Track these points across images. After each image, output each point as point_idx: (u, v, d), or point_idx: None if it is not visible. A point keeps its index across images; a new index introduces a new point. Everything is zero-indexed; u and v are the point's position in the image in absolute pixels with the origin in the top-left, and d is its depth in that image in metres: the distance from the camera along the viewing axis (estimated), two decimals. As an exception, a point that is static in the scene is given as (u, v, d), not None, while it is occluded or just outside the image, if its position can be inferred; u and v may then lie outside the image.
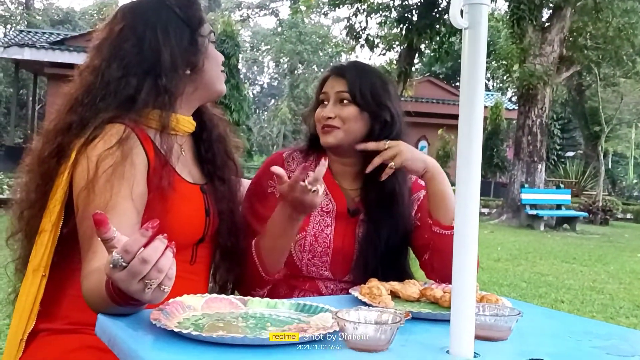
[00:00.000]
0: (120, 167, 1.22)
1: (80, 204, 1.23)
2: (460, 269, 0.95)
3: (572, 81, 23.54)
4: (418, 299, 1.33)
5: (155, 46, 1.33)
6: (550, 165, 24.66)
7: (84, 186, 1.22)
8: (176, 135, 1.40)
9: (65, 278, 1.31)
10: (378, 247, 1.59)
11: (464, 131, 0.95)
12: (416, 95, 21.39)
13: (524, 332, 1.11)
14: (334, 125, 1.59)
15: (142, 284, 0.91)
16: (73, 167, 1.25)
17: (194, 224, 1.37)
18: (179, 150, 1.41)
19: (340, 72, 1.65)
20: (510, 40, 15.22)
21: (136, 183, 1.24)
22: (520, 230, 13.03)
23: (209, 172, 1.48)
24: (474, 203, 0.95)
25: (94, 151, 1.24)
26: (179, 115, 1.39)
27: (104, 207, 1.18)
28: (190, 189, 1.39)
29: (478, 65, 0.95)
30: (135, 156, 1.26)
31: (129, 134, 1.27)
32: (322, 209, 1.61)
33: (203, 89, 1.43)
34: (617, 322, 4.76)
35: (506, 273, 6.99)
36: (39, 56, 18.30)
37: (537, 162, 14.52)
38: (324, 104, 1.64)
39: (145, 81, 1.32)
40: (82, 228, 1.22)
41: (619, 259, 9.01)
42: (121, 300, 0.98)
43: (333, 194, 1.63)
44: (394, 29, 18.27)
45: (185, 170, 1.41)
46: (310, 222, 1.60)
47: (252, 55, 41.72)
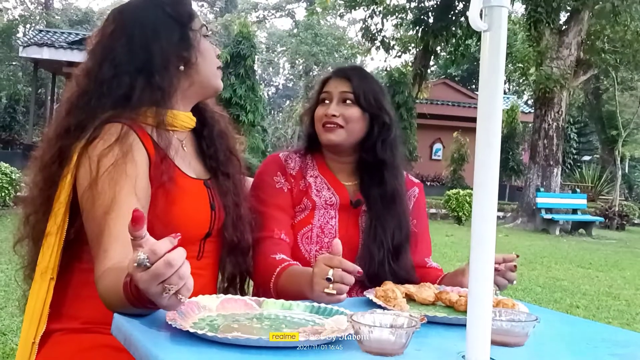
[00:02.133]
0: (121, 165, 1.23)
1: (85, 204, 1.24)
2: (477, 273, 0.94)
3: (589, 85, 23.33)
4: (433, 302, 1.32)
5: (145, 44, 1.35)
6: (566, 169, 24.46)
7: (87, 186, 1.23)
8: (176, 132, 1.40)
9: (75, 279, 1.31)
10: (381, 239, 1.61)
11: (483, 135, 0.94)
12: (431, 97, 21.34)
13: (541, 338, 1.10)
14: (337, 123, 1.63)
15: (162, 287, 0.91)
16: (76, 169, 1.26)
17: (199, 218, 1.38)
18: (180, 146, 1.41)
19: (344, 74, 1.69)
20: (527, 43, 15.12)
21: (139, 179, 1.24)
22: (535, 235, 12.93)
23: (212, 168, 1.49)
24: (491, 207, 0.94)
25: (95, 151, 1.24)
26: (176, 111, 1.39)
27: (108, 205, 1.19)
28: (194, 184, 1.40)
29: (498, 68, 0.94)
30: (136, 153, 1.26)
31: (128, 132, 1.27)
32: (326, 202, 1.65)
33: (198, 85, 1.43)
34: (634, 328, 4.70)
35: (521, 277, 6.93)
36: (58, 56, 18.47)
37: (553, 166, 14.41)
38: (325, 103, 1.67)
39: (137, 79, 1.33)
40: (90, 228, 1.23)
41: (635, 265, 8.90)
42: (138, 302, 0.98)
43: (335, 187, 1.67)
44: (409, 31, 18.25)
45: (187, 166, 1.41)
46: (315, 214, 1.64)
47: (267, 57, 41.80)
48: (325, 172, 1.69)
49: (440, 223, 14.16)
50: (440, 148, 23.40)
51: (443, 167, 21.53)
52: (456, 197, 13.72)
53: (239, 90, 15.82)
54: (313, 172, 1.69)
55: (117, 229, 1.16)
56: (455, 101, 23.13)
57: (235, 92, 15.82)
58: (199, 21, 1.44)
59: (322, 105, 1.68)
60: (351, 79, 1.66)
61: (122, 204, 1.19)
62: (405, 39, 18.74)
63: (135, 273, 0.92)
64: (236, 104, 15.88)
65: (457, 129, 20.24)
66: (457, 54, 17.88)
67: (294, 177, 1.67)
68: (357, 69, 1.74)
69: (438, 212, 15.50)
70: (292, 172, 1.67)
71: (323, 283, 1.24)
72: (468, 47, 17.71)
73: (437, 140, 23.34)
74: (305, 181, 1.67)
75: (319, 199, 1.65)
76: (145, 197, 1.25)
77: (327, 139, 1.64)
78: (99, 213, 1.20)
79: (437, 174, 21.92)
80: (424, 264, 1.72)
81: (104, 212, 1.19)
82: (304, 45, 36.39)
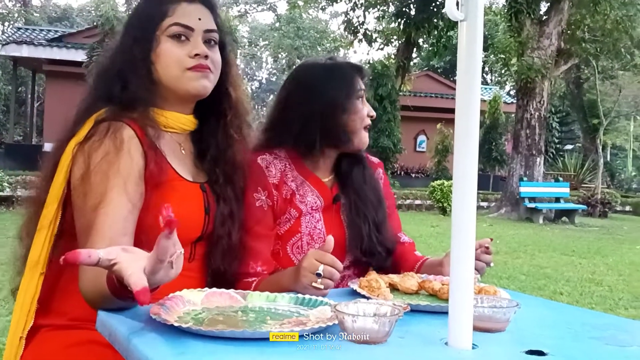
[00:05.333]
0: (114, 160, 1.23)
1: (77, 199, 1.24)
2: (458, 261, 0.96)
3: (570, 74, 23.51)
4: (417, 291, 1.33)
5: (120, 47, 1.39)
6: (549, 158, 24.65)
7: (80, 180, 1.23)
8: (174, 133, 1.40)
9: (64, 275, 1.31)
10: (365, 214, 1.64)
11: (462, 123, 0.96)
12: (414, 89, 21.38)
13: (522, 324, 1.12)
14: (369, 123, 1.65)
15: (168, 265, 0.90)
16: (71, 165, 1.26)
17: (192, 221, 1.37)
18: (178, 148, 1.41)
19: (365, 73, 1.67)
20: (509, 34, 15.20)
21: (131, 176, 1.24)
22: (519, 224, 13.05)
23: (209, 172, 1.46)
24: (471, 195, 0.96)
25: (89, 147, 1.25)
26: (169, 112, 1.39)
27: (98, 200, 1.19)
28: (189, 187, 1.38)
29: (474, 58, 0.95)
30: (132, 149, 1.26)
31: (122, 128, 1.27)
32: (311, 207, 1.60)
33: (167, 89, 1.37)
34: (617, 313, 4.78)
35: (505, 266, 7.00)
36: (37, 53, 18.26)
37: (536, 155, 14.53)
38: (361, 101, 1.63)
39: (116, 82, 1.35)
40: (80, 223, 1.23)
41: (617, 251, 9.03)
42: (124, 293, 0.98)
43: (318, 188, 1.63)
44: (391, 24, 18.26)
45: (183, 168, 1.39)
46: (302, 222, 1.59)
47: (250, 51, 41.61)
48: (304, 171, 1.62)
49: (426, 214, 14.24)
50: (424, 140, 23.48)
51: (427, 159, 21.62)
52: (441, 188, 13.80)
53: (221, 85, 15.73)
54: (292, 173, 1.61)
55: (105, 225, 1.16)
56: (438, 93, 23.20)
57: (218, 87, 15.72)
58: (170, 21, 1.36)
59: (361, 103, 1.63)
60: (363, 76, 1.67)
61: (111, 200, 1.19)
62: (388, 31, 18.75)
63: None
64: (219, 99, 15.80)
65: (440, 120, 20.31)
66: (439, 45, 17.94)
67: (276, 186, 1.57)
68: None
69: (423, 204, 15.58)
70: (274, 181, 1.57)
71: (311, 277, 1.27)
72: (450, 39, 17.77)
73: (421, 132, 23.42)
74: (288, 187, 1.58)
75: (305, 206, 1.59)
76: (136, 194, 1.24)
77: (367, 142, 1.64)
78: (89, 208, 1.20)
79: (422, 166, 22.01)
80: (397, 239, 1.74)
81: (93, 207, 1.19)
82: (286, 39, 36.31)
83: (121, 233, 1.17)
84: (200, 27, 1.37)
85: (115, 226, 1.17)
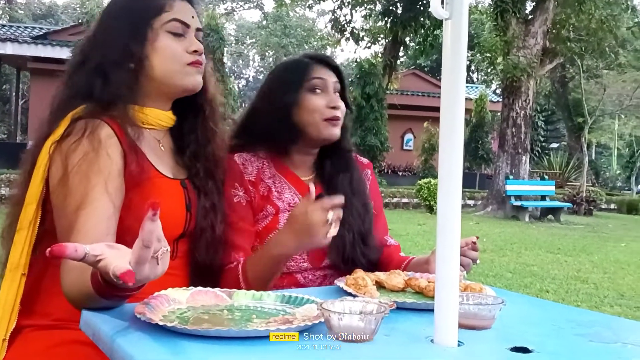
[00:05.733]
0: (94, 160, 1.21)
1: (56, 199, 1.22)
2: (443, 259, 0.96)
3: (555, 73, 23.69)
4: (403, 289, 1.33)
5: (101, 41, 1.35)
6: (535, 156, 24.85)
7: (58, 181, 1.21)
8: (152, 130, 1.39)
9: (46, 275, 1.29)
10: (350, 223, 1.58)
11: (446, 120, 0.96)
12: (401, 88, 21.45)
13: (508, 321, 1.12)
14: (339, 117, 1.57)
15: (153, 260, 0.89)
16: (49, 165, 1.24)
17: (173, 218, 1.36)
18: (157, 145, 1.40)
19: (333, 62, 1.62)
20: (494, 33, 15.29)
21: (112, 175, 1.22)
22: (505, 222, 13.13)
23: (190, 167, 1.45)
24: (456, 193, 0.96)
25: (66, 146, 1.23)
26: (148, 108, 1.37)
27: (79, 201, 1.17)
28: (169, 184, 1.37)
29: (459, 56, 0.95)
30: (110, 148, 1.24)
31: (101, 126, 1.25)
32: (289, 204, 1.59)
33: (159, 83, 1.36)
34: (602, 310, 4.82)
35: (492, 264, 7.04)
36: (22, 51, 18.07)
37: (522, 153, 14.63)
38: (319, 92, 1.57)
39: (95, 77, 1.32)
40: (60, 223, 1.21)
41: (603, 249, 9.11)
42: (109, 292, 0.97)
43: (296, 186, 1.62)
44: (378, 22, 18.30)
45: (163, 165, 1.39)
46: (280, 219, 1.57)
47: (237, 49, 41.52)
48: (283, 169, 1.62)
49: (413, 212, 14.29)
50: (411, 138, 23.55)
51: (414, 157, 21.67)
52: (428, 186, 13.84)
53: (208, 83, 15.68)
54: (270, 171, 1.60)
55: (87, 225, 1.15)
56: (425, 91, 23.29)
57: (205, 85, 15.67)
58: (168, 16, 1.35)
59: (317, 95, 1.56)
60: (340, 70, 1.60)
61: (93, 200, 1.18)
62: (375, 29, 18.78)
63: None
64: (206, 97, 15.76)
65: (427, 119, 20.37)
66: (426, 44, 17.98)
67: (252, 183, 1.57)
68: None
69: (410, 202, 15.63)
70: (250, 178, 1.57)
71: (326, 228, 1.29)
72: (437, 38, 17.82)
73: (408, 131, 23.49)
74: (265, 185, 1.58)
75: (282, 203, 1.58)
76: (117, 193, 1.23)
77: (333, 133, 1.56)
78: (70, 209, 1.18)
79: (409, 164, 22.07)
80: (384, 242, 1.73)
81: (75, 208, 1.17)
82: (273, 37, 36.25)
83: (104, 233, 1.16)
84: (193, 24, 1.39)
85: (99, 226, 1.16)
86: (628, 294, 5.77)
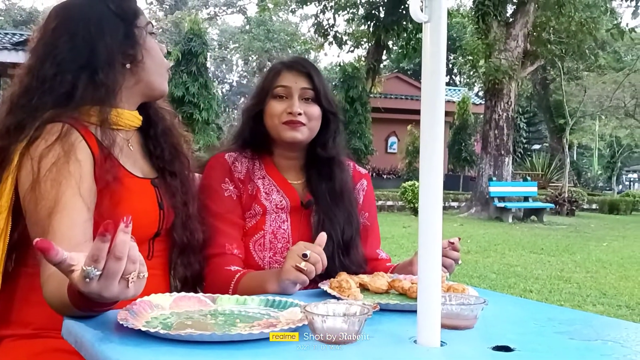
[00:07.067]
0: (64, 164, 1.20)
1: (28, 206, 1.20)
2: (426, 260, 0.97)
3: (536, 75, 23.95)
4: (387, 290, 1.34)
5: (88, 41, 1.32)
6: (517, 158, 25.05)
7: (29, 188, 1.19)
8: (121, 130, 1.38)
9: (22, 285, 1.28)
10: (330, 234, 1.55)
11: (427, 122, 0.97)
12: (385, 91, 21.55)
13: (490, 320, 1.13)
14: (301, 122, 1.59)
15: (124, 282, 0.89)
16: (17, 171, 1.22)
17: (147, 218, 1.35)
18: (126, 145, 1.39)
19: (303, 69, 1.63)
20: (476, 36, 15.41)
21: (83, 179, 1.21)
22: (489, 223, 13.22)
23: (159, 167, 1.46)
24: (437, 194, 0.97)
25: (36, 151, 1.21)
26: (120, 110, 1.37)
27: (52, 206, 1.16)
28: (140, 183, 1.37)
29: (439, 58, 0.96)
30: (79, 152, 1.23)
31: (70, 131, 1.24)
32: (276, 206, 1.60)
33: (144, 84, 1.39)
34: (585, 309, 4.87)
35: (476, 265, 7.08)
36: (2, 57, 17.84)
37: (504, 155, 14.74)
38: (283, 98, 1.61)
39: (80, 77, 1.30)
40: (33, 230, 1.20)
41: (585, 249, 9.20)
42: (86, 306, 0.96)
43: (284, 190, 1.63)
44: (361, 26, 18.39)
45: (133, 165, 1.39)
46: (267, 220, 1.59)
47: (220, 54, 41.41)
48: (273, 172, 1.65)
49: (397, 215, 14.33)
50: (395, 141, 23.64)
51: (398, 160, 21.76)
52: (412, 189, 13.89)
53: (191, 88, 15.63)
54: (260, 172, 1.64)
55: (62, 230, 1.14)
56: (409, 95, 23.37)
57: (188, 90, 15.62)
58: (145, 18, 1.41)
59: (279, 101, 1.61)
60: (312, 75, 1.61)
61: (66, 204, 1.17)
62: (358, 33, 18.87)
63: (90, 288, 0.88)
64: (189, 102, 15.70)
65: (411, 122, 20.46)
66: (409, 47, 18.11)
67: (242, 181, 1.60)
68: (311, 62, 1.69)
69: (395, 205, 15.68)
70: (239, 176, 1.61)
71: (297, 258, 1.29)
72: (419, 41, 17.88)
73: (392, 134, 23.57)
74: (254, 184, 1.61)
75: (270, 204, 1.60)
76: (90, 197, 1.22)
77: (293, 136, 1.58)
78: (43, 215, 1.17)
79: (393, 167, 22.15)
80: (375, 256, 1.72)
81: (47, 213, 1.16)
82: (256, 42, 36.23)
83: (81, 237, 1.15)
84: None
85: (74, 229, 1.15)
86: (610, 292, 5.83)
